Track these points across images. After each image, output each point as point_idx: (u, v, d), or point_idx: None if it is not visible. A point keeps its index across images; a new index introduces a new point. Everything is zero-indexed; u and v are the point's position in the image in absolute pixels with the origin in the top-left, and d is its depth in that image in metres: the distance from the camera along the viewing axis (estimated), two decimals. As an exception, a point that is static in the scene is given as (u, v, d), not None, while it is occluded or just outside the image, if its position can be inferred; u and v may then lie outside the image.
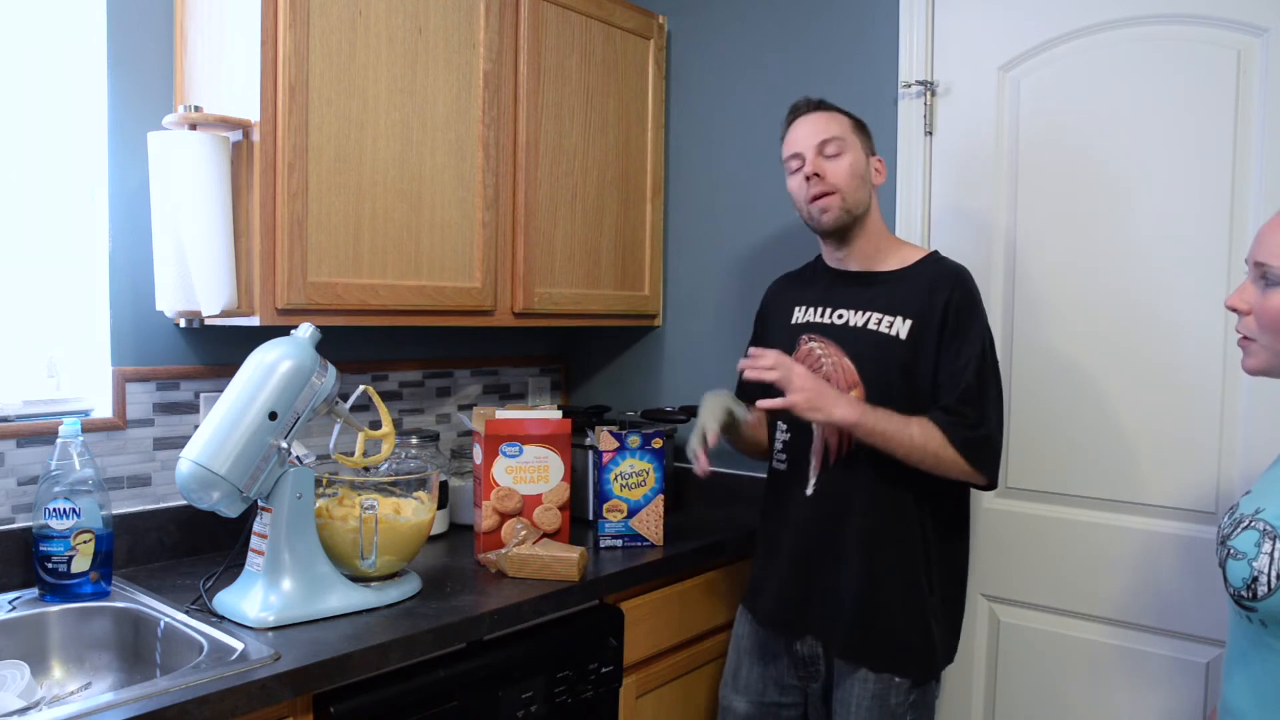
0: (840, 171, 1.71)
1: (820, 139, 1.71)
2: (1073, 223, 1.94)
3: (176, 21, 1.81)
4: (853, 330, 1.72)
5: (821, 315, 1.78)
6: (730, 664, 1.89)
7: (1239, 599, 1.18)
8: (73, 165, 1.78)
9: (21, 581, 1.64)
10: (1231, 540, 1.20)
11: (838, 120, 1.75)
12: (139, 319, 1.81)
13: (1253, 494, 1.24)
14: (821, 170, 1.70)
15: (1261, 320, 1.21)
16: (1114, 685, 1.92)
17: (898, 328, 1.68)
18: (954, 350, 1.65)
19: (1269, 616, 1.15)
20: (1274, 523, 1.15)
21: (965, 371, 1.63)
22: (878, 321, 1.70)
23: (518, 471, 1.91)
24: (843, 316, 1.75)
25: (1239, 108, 1.76)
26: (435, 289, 1.93)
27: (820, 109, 1.76)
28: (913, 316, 1.68)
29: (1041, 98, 1.98)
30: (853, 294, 1.76)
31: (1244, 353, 1.26)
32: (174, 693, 1.23)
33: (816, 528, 1.73)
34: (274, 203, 1.68)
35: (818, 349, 1.75)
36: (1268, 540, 1.14)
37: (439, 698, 1.54)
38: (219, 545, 1.86)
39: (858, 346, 1.70)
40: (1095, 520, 1.93)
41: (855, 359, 1.70)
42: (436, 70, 1.91)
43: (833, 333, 1.74)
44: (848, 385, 1.69)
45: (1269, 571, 1.13)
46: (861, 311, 1.73)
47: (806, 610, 1.74)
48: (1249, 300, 1.23)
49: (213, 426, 1.49)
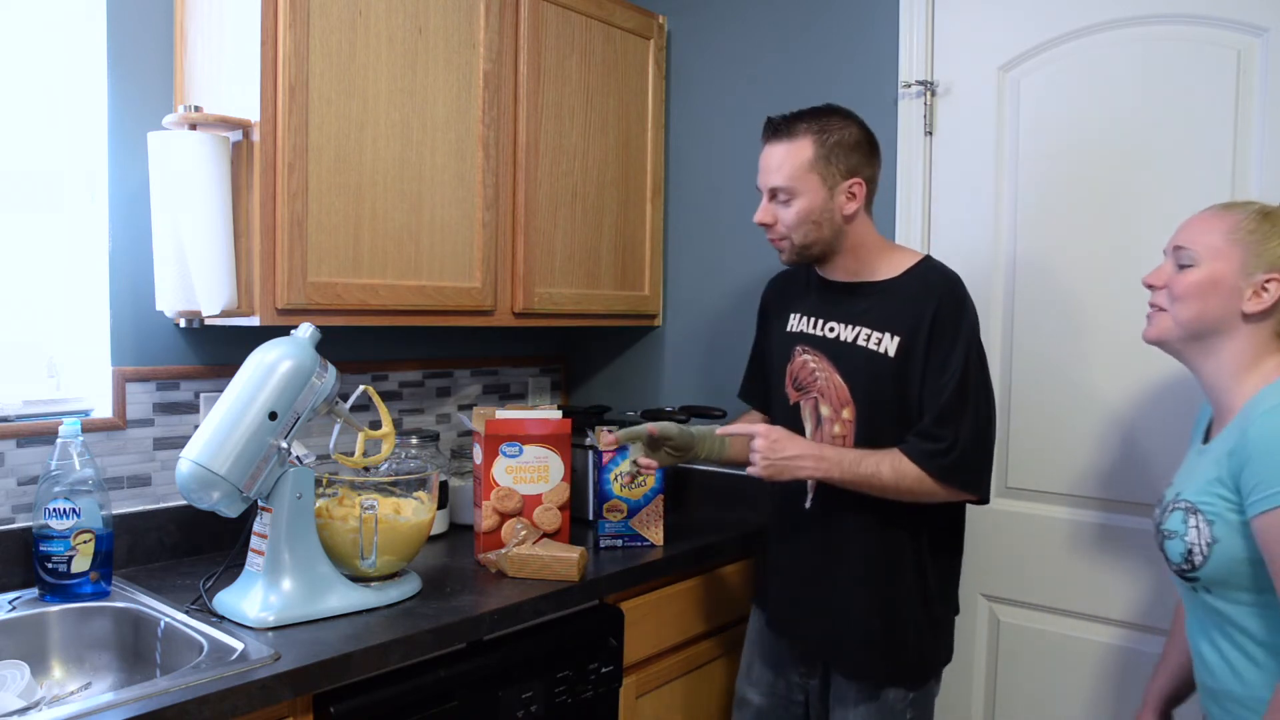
0: (788, 219, 1.67)
1: (771, 185, 1.68)
2: (1073, 223, 1.94)
3: (176, 21, 1.81)
4: (843, 345, 1.69)
5: (813, 326, 1.75)
6: (745, 658, 1.92)
7: (1181, 573, 1.32)
8: (73, 165, 1.79)
9: (21, 581, 1.64)
10: (1164, 525, 1.35)
11: (795, 156, 1.65)
12: (139, 319, 1.81)
13: (1173, 484, 1.39)
14: (771, 218, 1.69)
15: (1174, 291, 1.36)
16: (1114, 685, 1.92)
17: (886, 345, 1.64)
18: (938, 363, 1.61)
19: (1210, 581, 1.29)
20: (1193, 499, 1.31)
21: (946, 388, 1.59)
22: (866, 338, 1.67)
23: (518, 471, 1.91)
24: (833, 330, 1.72)
25: (1239, 108, 1.76)
26: (435, 289, 1.93)
27: (781, 137, 1.67)
28: (901, 333, 1.63)
29: (1041, 98, 1.98)
30: (841, 306, 1.72)
31: (1148, 323, 1.41)
32: (174, 693, 1.23)
33: (815, 543, 1.73)
34: (274, 203, 1.68)
35: (811, 362, 1.73)
36: (1191, 516, 1.30)
37: (439, 698, 1.54)
38: (219, 545, 1.86)
39: (848, 363, 1.68)
40: (1095, 520, 1.93)
41: (846, 376, 1.68)
42: (436, 70, 1.91)
43: (824, 346, 1.72)
44: (840, 403, 1.69)
45: (1199, 542, 1.28)
46: (851, 326, 1.69)
47: (803, 623, 1.76)
48: (1164, 276, 1.39)
49: (213, 426, 1.49)
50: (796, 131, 1.67)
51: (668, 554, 2.00)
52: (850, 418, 1.67)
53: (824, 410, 1.71)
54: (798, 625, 1.78)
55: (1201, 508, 1.28)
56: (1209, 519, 1.27)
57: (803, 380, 1.75)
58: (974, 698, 2.09)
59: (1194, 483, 1.32)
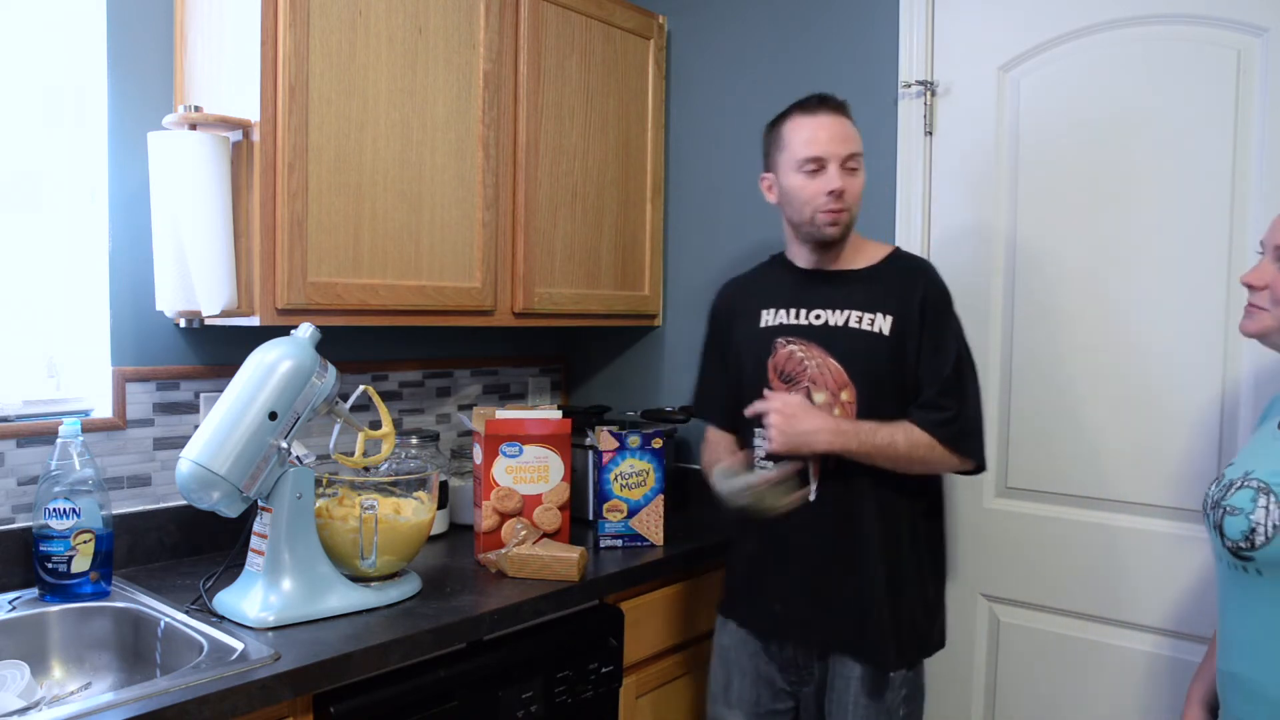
0: (856, 191, 1.70)
1: (849, 151, 1.68)
2: (1073, 223, 1.94)
3: (176, 21, 1.81)
4: (835, 330, 1.71)
5: (797, 317, 1.75)
6: (718, 678, 1.84)
7: (1237, 551, 1.30)
8: (73, 165, 1.79)
9: (21, 581, 1.64)
10: (1227, 500, 1.33)
11: (854, 130, 1.72)
12: (139, 319, 1.81)
13: (1236, 463, 1.38)
14: (846, 186, 1.68)
15: (1278, 293, 1.34)
16: (1114, 685, 1.92)
17: (880, 324, 1.68)
18: (933, 345, 1.67)
19: (1265, 564, 1.27)
20: (1266, 479, 1.29)
21: (945, 365, 1.66)
22: (858, 320, 1.69)
23: (518, 471, 1.91)
24: (820, 317, 1.73)
25: (1239, 108, 1.76)
26: (435, 289, 1.93)
27: (835, 111, 1.71)
28: (893, 313, 1.68)
29: (1041, 98, 1.97)
30: (827, 294, 1.74)
31: (1247, 316, 1.39)
32: (174, 693, 1.23)
33: (825, 533, 1.70)
34: (274, 203, 1.68)
35: (798, 351, 1.73)
36: (1263, 495, 1.28)
37: (439, 698, 1.54)
38: (219, 545, 1.86)
39: (843, 346, 1.69)
40: (1095, 520, 1.93)
41: (842, 359, 1.69)
42: (436, 70, 1.91)
43: (813, 334, 1.72)
44: (838, 386, 1.69)
45: (1265, 522, 1.26)
46: (839, 310, 1.71)
47: (815, 615, 1.71)
48: (1266, 277, 1.36)
49: (213, 426, 1.49)
50: (845, 110, 1.72)
51: (668, 554, 2.00)
52: (850, 399, 1.68)
53: (818, 397, 1.69)
54: (809, 624, 1.73)
55: (1276, 489, 1.27)
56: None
57: (790, 371, 1.73)
58: (974, 698, 2.08)
59: (1271, 463, 1.31)
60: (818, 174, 1.67)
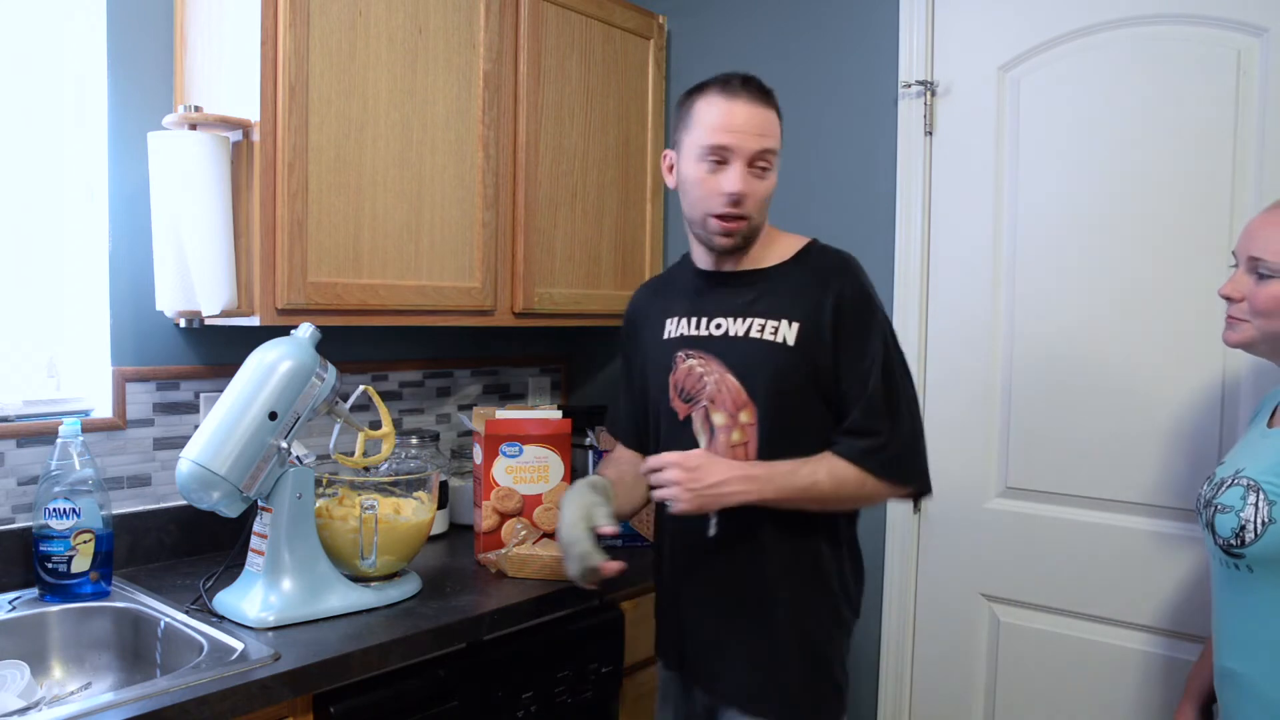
0: (761, 195, 1.47)
1: (761, 147, 1.45)
2: (1072, 222, 1.94)
3: (176, 21, 1.81)
4: (734, 341, 1.50)
5: (696, 327, 1.54)
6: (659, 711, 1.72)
7: (1228, 548, 1.31)
8: (73, 165, 1.79)
9: (21, 581, 1.64)
10: (1218, 498, 1.34)
11: (774, 124, 1.48)
12: (139, 319, 1.81)
13: (1227, 462, 1.39)
14: (749, 191, 1.45)
15: (1256, 306, 1.33)
16: (1114, 685, 1.92)
17: (784, 333, 1.47)
18: (854, 354, 1.45)
19: (1256, 560, 1.29)
20: (1255, 477, 1.30)
21: (869, 378, 1.44)
22: (760, 328, 1.48)
23: (518, 471, 1.91)
24: (720, 326, 1.52)
25: (1239, 108, 1.76)
26: (435, 289, 1.93)
27: (759, 100, 1.46)
28: (800, 319, 1.47)
29: (1041, 98, 1.97)
30: (729, 300, 1.53)
31: (1229, 328, 1.39)
32: (174, 693, 1.23)
33: (727, 573, 1.52)
34: (274, 203, 1.68)
35: (698, 367, 1.53)
36: (1251, 493, 1.29)
37: (439, 698, 1.54)
38: (219, 545, 1.86)
39: (742, 360, 1.48)
40: (1095, 520, 1.93)
41: (741, 375, 1.48)
42: (436, 70, 1.91)
43: (712, 345, 1.52)
44: (736, 406, 1.49)
45: (1255, 519, 1.28)
46: (741, 319, 1.50)
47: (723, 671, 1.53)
48: (1243, 289, 1.35)
49: (213, 426, 1.49)
50: (771, 99, 1.49)
51: (668, 554, 1.99)
52: (750, 420, 1.48)
53: (717, 419, 1.50)
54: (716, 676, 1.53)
55: (1265, 487, 1.29)
56: (1271, 499, 1.27)
57: (689, 389, 1.54)
58: (974, 698, 2.08)
59: (1260, 462, 1.32)
60: (720, 169, 1.45)
